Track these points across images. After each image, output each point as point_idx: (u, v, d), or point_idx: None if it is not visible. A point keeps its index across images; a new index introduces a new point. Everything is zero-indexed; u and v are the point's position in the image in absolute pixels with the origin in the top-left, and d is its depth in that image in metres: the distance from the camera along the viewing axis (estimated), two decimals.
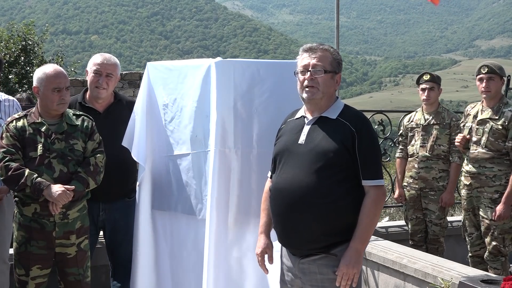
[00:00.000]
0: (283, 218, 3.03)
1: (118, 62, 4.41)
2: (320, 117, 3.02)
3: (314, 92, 2.97)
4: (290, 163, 3.01)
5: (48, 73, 3.78)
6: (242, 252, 3.76)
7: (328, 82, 2.99)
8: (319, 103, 3.01)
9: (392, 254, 4.71)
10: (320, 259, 2.95)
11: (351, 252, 2.87)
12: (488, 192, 4.96)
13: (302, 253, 3.00)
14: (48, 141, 3.72)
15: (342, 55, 3.43)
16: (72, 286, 3.86)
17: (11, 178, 3.64)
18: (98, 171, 3.80)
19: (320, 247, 2.94)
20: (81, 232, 3.83)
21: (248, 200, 3.70)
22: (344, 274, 2.86)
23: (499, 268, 4.90)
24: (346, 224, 2.91)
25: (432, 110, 5.50)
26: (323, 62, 2.98)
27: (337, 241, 2.92)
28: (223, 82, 3.63)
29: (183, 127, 3.85)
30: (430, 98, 5.47)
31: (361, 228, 2.89)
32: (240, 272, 3.78)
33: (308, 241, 2.97)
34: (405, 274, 4.51)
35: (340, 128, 2.95)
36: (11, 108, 4.31)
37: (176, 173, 3.89)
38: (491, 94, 5.00)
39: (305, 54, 3.04)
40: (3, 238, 4.27)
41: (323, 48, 3.04)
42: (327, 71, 2.98)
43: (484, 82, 4.99)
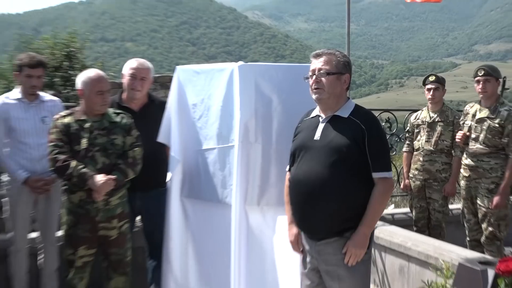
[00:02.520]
0: (301, 206, 3.08)
1: (151, 66, 4.44)
2: (333, 116, 3.05)
3: (320, 92, 3.02)
4: (307, 157, 3.05)
5: (92, 77, 3.84)
6: (262, 232, 3.79)
7: (333, 83, 3.02)
8: (327, 102, 3.05)
9: (398, 238, 4.72)
10: (334, 241, 2.99)
11: (359, 235, 2.92)
12: (485, 183, 4.96)
13: (318, 237, 3.05)
14: (91, 136, 3.78)
15: (352, 59, 3.44)
16: (115, 264, 3.92)
17: (59, 169, 3.70)
18: (136, 163, 3.86)
19: (334, 231, 2.99)
20: (121, 217, 3.90)
21: (268, 189, 3.73)
22: (352, 254, 2.90)
23: (494, 251, 4.90)
24: (357, 211, 2.95)
25: (437, 108, 5.48)
26: (327, 65, 3.02)
27: (349, 226, 2.97)
28: (245, 84, 3.66)
29: (210, 124, 3.89)
30: (435, 97, 5.45)
31: (369, 215, 2.93)
32: (260, 250, 3.81)
33: (323, 226, 3.02)
34: (409, 256, 4.52)
35: (352, 126, 2.98)
36: (54, 108, 4.37)
37: (204, 165, 3.93)
38: (487, 94, 4.98)
39: (313, 59, 3.10)
40: (51, 222, 4.36)
41: (328, 53, 3.08)
42: (331, 73, 3.01)
43: (481, 83, 4.97)
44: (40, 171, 4.19)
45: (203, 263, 4.07)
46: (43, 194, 4.26)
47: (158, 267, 4.30)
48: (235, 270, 3.67)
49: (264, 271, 3.84)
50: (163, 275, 4.11)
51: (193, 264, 4.09)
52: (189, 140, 4.00)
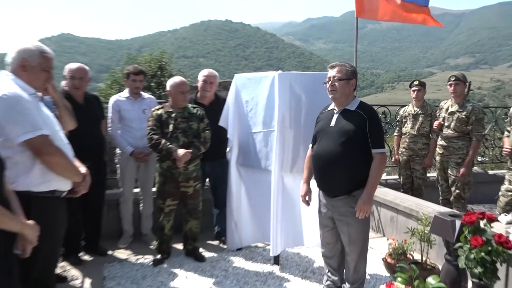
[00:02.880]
0: (321, 172, 3.04)
1: (217, 74, 4.44)
2: (344, 109, 3.00)
3: (335, 93, 2.97)
4: (325, 138, 3.00)
5: (177, 82, 3.85)
6: (293, 191, 3.74)
7: (344, 86, 2.96)
8: (340, 100, 2.99)
9: (389, 197, 4.64)
10: (345, 198, 2.94)
11: (366, 194, 2.86)
12: (454, 158, 4.87)
13: (333, 194, 3.00)
14: (175, 123, 3.80)
15: (358, 69, 3.38)
16: (190, 211, 3.96)
17: (153, 145, 3.75)
18: (206, 141, 3.86)
19: (344, 191, 2.94)
20: (196, 179, 3.91)
21: (297, 160, 3.67)
22: (362, 209, 2.85)
23: (460, 207, 4.81)
24: (360, 177, 2.89)
25: (419, 104, 5.34)
26: (340, 73, 2.96)
27: (355, 187, 2.91)
28: (282, 86, 3.60)
29: (257, 115, 3.85)
30: (418, 96, 5.33)
31: (371, 180, 2.87)
32: (292, 204, 3.78)
33: (336, 187, 2.97)
34: (397, 210, 4.43)
35: (357, 116, 2.92)
36: (151, 103, 4.39)
37: (253, 143, 3.90)
38: (457, 94, 4.88)
39: (329, 69, 3.05)
40: (148, 181, 4.42)
41: (340, 64, 3.03)
42: (342, 79, 2.95)
43: (453, 86, 4.89)
44: (141, 147, 4.23)
45: (252, 210, 4.08)
46: (143, 162, 4.31)
47: (220, 213, 4.34)
48: (273, 217, 3.66)
49: (295, 219, 3.82)
50: (227, 219, 4.13)
51: (245, 211, 4.11)
52: (242, 126, 3.98)
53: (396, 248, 3.65)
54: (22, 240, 1.95)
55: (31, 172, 2.23)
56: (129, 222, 4.41)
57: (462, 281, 2.91)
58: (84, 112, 3.76)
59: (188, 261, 3.94)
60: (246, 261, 3.97)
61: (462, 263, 2.60)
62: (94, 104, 4.01)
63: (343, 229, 3.01)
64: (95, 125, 3.93)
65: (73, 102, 3.79)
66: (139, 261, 3.96)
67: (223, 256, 4.06)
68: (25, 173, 2.22)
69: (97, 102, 4.12)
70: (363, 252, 3.03)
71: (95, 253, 4.06)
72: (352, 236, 2.98)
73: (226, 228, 4.16)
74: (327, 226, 3.14)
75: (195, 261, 3.93)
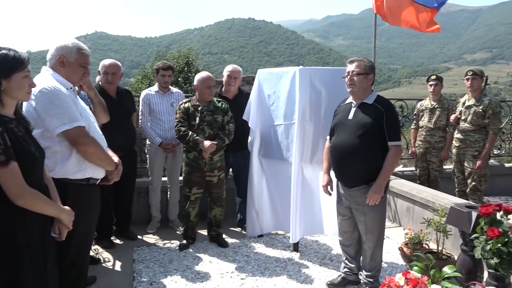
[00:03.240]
0: (339, 164, 3.00)
1: (241, 70, 4.41)
2: (362, 103, 2.94)
3: (353, 87, 2.92)
4: (343, 131, 2.96)
5: (204, 77, 3.84)
6: (312, 182, 3.71)
7: (362, 80, 2.90)
8: (357, 94, 2.94)
9: (406, 188, 4.54)
10: (362, 188, 2.91)
11: (376, 184, 2.83)
12: (471, 151, 4.75)
13: (350, 185, 2.97)
14: (202, 115, 3.80)
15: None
16: (215, 199, 3.96)
17: (181, 137, 3.76)
18: (230, 133, 3.85)
19: (361, 181, 2.91)
20: (220, 168, 3.91)
21: (316, 152, 3.62)
22: (371, 198, 2.82)
23: (476, 199, 4.69)
24: (378, 168, 2.85)
25: (436, 98, 5.20)
26: (358, 68, 2.91)
27: (372, 178, 2.86)
28: (303, 81, 3.55)
29: (279, 108, 3.81)
30: (435, 90, 5.18)
31: (384, 171, 2.83)
32: (311, 194, 3.75)
33: (354, 177, 2.94)
34: (414, 200, 4.34)
35: (374, 109, 2.87)
36: (179, 97, 4.40)
37: (275, 135, 3.86)
38: (474, 88, 4.75)
39: (348, 64, 2.99)
40: (176, 170, 4.44)
41: (359, 59, 2.98)
42: (361, 74, 2.89)
43: (470, 81, 4.75)
44: (170, 138, 4.26)
45: (273, 200, 4.06)
46: (171, 153, 4.34)
47: (243, 202, 4.34)
48: (293, 205, 3.63)
49: (313, 208, 3.79)
50: (247, 207, 4.13)
51: (266, 200, 4.09)
52: (264, 118, 3.94)
53: (412, 237, 3.58)
54: (59, 224, 1.99)
55: (68, 161, 2.27)
56: (157, 209, 4.45)
57: (478, 271, 2.83)
58: (116, 105, 3.80)
59: (212, 247, 3.96)
60: (266, 247, 3.96)
61: (478, 253, 2.53)
62: (126, 98, 4.04)
63: (360, 218, 2.97)
64: (126, 117, 3.97)
65: (106, 96, 3.84)
66: (166, 245, 4.00)
67: (245, 243, 4.06)
68: (62, 162, 2.26)
69: (129, 96, 4.16)
70: (380, 240, 2.99)
71: (125, 237, 4.12)
72: (368, 225, 2.94)
73: (246, 216, 4.15)
74: (344, 215, 3.11)
75: (219, 247, 3.95)
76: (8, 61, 1.79)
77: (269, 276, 3.37)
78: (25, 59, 1.86)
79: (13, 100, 1.86)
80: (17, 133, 1.81)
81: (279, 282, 3.26)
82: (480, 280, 2.76)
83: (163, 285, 3.17)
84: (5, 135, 1.72)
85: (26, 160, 1.80)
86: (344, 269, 3.21)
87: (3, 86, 1.79)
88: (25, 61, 1.85)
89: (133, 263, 3.57)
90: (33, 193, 1.79)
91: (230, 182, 4.47)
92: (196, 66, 15.70)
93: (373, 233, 2.95)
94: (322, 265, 3.60)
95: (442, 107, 5.12)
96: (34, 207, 1.81)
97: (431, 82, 5.23)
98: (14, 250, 1.76)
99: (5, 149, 1.70)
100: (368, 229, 2.95)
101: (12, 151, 1.73)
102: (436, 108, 5.16)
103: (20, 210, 1.77)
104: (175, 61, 14.80)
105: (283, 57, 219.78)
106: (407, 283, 1.88)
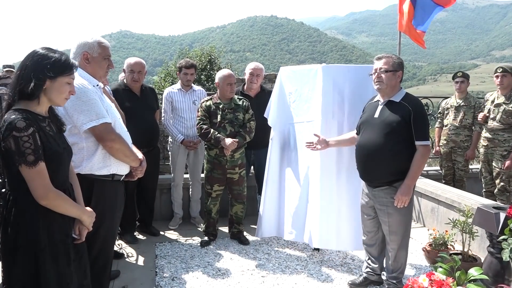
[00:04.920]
0: (363, 163, 2.96)
1: (263, 67, 4.39)
2: (389, 101, 2.88)
3: (381, 84, 2.85)
4: (369, 130, 2.92)
5: (225, 74, 3.85)
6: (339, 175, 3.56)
7: (391, 77, 2.84)
8: (385, 91, 2.87)
9: (430, 188, 4.46)
10: (386, 189, 2.86)
11: (404, 186, 2.76)
12: (500, 150, 4.60)
13: (375, 185, 2.93)
14: (223, 113, 3.82)
15: None
16: (236, 196, 3.98)
17: (203, 134, 3.79)
18: (251, 131, 3.86)
19: (386, 182, 2.86)
20: (241, 166, 3.92)
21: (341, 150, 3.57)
22: (400, 200, 2.76)
23: (504, 199, 4.54)
24: (403, 168, 2.79)
25: (462, 96, 5.08)
26: (386, 65, 2.85)
27: (397, 178, 2.81)
28: (326, 79, 3.51)
29: (301, 105, 3.76)
30: (462, 88, 5.07)
31: (412, 171, 2.76)
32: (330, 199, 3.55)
33: (378, 177, 2.89)
34: (439, 201, 4.26)
35: (401, 108, 2.80)
36: (201, 94, 4.43)
37: (293, 133, 3.80)
38: (503, 86, 4.60)
39: (376, 61, 2.93)
40: (197, 168, 4.47)
41: (387, 56, 2.91)
42: (389, 71, 2.83)
43: (499, 78, 4.60)
44: (192, 135, 4.29)
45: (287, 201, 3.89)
46: (193, 150, 4.37)
47: None
48: (312, 210, 3.56)
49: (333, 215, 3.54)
50: (260, 206, 4.00)
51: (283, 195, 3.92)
52: (285, 116, 3.87)
53: (437, 238, 3.51)
54: (79, 225, 2.00)
55: (94, 157, 2.32)
56: (179, 205, 4.50)
57: (506, 274, 2.76)
58: (140, 102, 3.86)
59: (233, 244, 3.98)
60: (287, 245, 3.95)
61: (506, 256, 2.45)
62: (150, 96, 4.09)
63: (384, 219, 2.93)
64: (150, 114, 4.02)
65: (131, 93, 3.90)
66: (188, 242, 4.05)
67: (265, 240, 4.06)
68: (88, 158, 2.31)
69: (153, 93, 4.20)
70: (404, 242, 2.94)
71: (148, 233, 4.18)
72: (392, 226, 2.89)
73: (258, 215, 4.01)
74: (369, 215, 3.07)
75: (240, 244, 3.96)
76: (59, 64, 1.85)
77: (290, 274, 3.36)
78: (74, 66, 1.92)
79: (50, 102, 1.90)
80: (48, 133, 1.85)
81: (300, 280, 3.25)
82: (508, 283, 2.69)
83: (184, 281, 3.21)
84: (36, 135, 1.76)
85: (54, 161, 1.83)
86: (366, 269, 3.17)
87: (46, 85, 1.83)
88: (73, 68, 1.91)
89: (156, 259, 3.62)
90: (57, 194, 1.83)
91: (252, 180, 4.47)
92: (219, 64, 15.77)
93: (397, 234, 2.90)
94: (344, 264, 3.57)
95: (468, 105, 5.01)
96: (57, 208, 1.84)
97: (457, 79, 5.12)
98: (37, 248, 1.80)
99: (35, 149, 1.74)
100: (392, 230, 2.90)
101: (41, 151, 1.77)
102: (462, 106, 5.04)
103: (43, 209, 1.80)
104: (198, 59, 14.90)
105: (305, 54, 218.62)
106: (431, 284, 1.85)
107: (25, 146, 1.72)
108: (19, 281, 1.80)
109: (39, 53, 1.84)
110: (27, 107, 1.81)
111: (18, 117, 1.74)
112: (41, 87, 1.82)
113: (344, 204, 3.51)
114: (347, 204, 3.50)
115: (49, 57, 1.84)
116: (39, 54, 1.84)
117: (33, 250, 1.80)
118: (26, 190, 1.77)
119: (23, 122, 1.72)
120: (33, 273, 1.81)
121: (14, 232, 1.78)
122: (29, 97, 1.81)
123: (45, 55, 1.84)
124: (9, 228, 1.79)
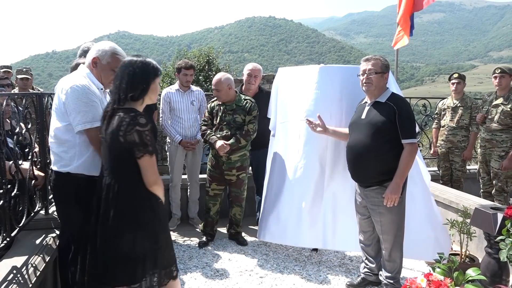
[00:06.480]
0: (353, 164, 3.01)
1: (261, 68, 4.40)
2: (375, 102, 2.93)
3: (369, 86, 2.90)
4: (357, 130, 2.97)
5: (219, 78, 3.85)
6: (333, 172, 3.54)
7: (379, 79, 2.89)
8: (373, 92, 2.92)
9: None
10: (377, 188, 2.89)
11: (393, 184, 2.79)
12: (497, 151, 4.62)
13: (366, 185, 2.96)
14: (222, 115, 3.83)
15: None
16: (233, 198, 3.99)
17: (202, 135, 3.88)
18: (247, 134, 3.80)
19: (376, 181, 2.89)
20: (239, 168, 3.89)
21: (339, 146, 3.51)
22: (389, 198, 2.79)
23: (502, 200, 4.56)
24: (391, 167, 2.81)
25: (459, 97, 5.10)
26: (375, 67, 2.90)
27: (387, 178, 2.83)
28: (324, 79, 3.53)
29: (300, 106, 3.67)
30: (458, 89, 5.10)
31: (400, 170, 2.79)
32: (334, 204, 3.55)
33: (368, 177, 2.94)
34: (436, 201, 4.23)
35: (387, 108, 2.84)
36: (199, 95, 4.44)
37: (293, 133, 3.73)
38: (502, 86, 4.62)
39: (363, 62, 2.97)
40: (195, 168, 4.47)
41: (375, 58, 2.96)
42: (378, 72, 2.88)
43: (498, 78, 4.63)
44: (189, 136, 4.30)
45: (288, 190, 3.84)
46: (191, 150, 4.37)
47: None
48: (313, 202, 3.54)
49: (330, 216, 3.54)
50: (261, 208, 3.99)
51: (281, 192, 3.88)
52: (284, 116, 3.84)
53: None
54: None
55: (85, 157, 2.34)
56: (177, 206, 4.49)
57: (503, 275, 2.76)
58: None
59: (231, 244, 3.98)
60: (286, 246, 3.95)
61: (504, 256, 2.46)
62: None
63: (376, 219, 2.95)
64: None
65: None
66: (186, 242, 4.04)
67: (264, 241, 4.05)
68: (80, 157, 2.34)
69: None
70: (397, 241, 2.94)
71: None
72: (384, 225, 2.91)
73: (259, 216, 4.02)
74: (363, 214, 3.09)
75: (238, 245, 3.97)
76: (155, 68, 2.15)
77: (288, 275, 3.36)
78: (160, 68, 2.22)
79: (149, 101, 2.17)
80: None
81: (298, 281, 3.25)
82: (505, 283, 2.69)
83: (183, 282, 3.20)
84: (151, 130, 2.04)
85: (155, 153, 2.11)
86: (364, 270, 3.18)
87: (150, 87, 2.12)
88: (160, 70, 2.22)
89: None
90: (161, 181, 2.16)
91: (250, 181, 4.46)
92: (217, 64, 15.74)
93: (390, 233, 2.91)
94: (342, 265, 3.57)
95: (465, 106, 5.03)
96: (158, 192, 2.17)
97: (453, 80, 5.15)
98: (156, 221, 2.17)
99: (152, 142, 2.05)
100: (384, 229, 2.92)
101: None
102: (458, 106, 5.07)
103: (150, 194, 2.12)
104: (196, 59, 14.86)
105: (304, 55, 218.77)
106: (429, 285, 1.85)
107: (147, 139, 2.01)
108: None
109: (138, 60, 2.12)
110: (134, 107, 2.09)
111: (138, 114, 2.03)
112: (148, 90, 2.12)
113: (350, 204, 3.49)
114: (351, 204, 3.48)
115: (148, 63, 2.13)
116: (139, 61, 2.11)
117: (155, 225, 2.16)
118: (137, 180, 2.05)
119: (143, 119, 2.02)
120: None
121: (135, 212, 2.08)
122: (136, 98, 2.09)
123: (144, 62, 2.12)
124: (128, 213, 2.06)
